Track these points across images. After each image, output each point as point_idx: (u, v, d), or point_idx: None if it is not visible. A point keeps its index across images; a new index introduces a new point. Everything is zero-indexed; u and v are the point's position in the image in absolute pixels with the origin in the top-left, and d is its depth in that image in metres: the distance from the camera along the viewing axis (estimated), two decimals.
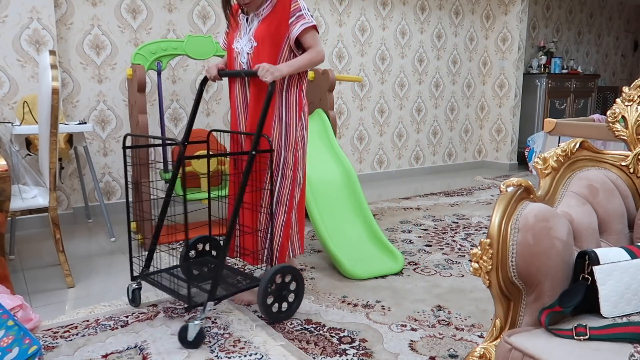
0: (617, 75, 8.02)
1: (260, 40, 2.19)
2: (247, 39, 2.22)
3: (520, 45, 5.81)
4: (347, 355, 1.90)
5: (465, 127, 6.08)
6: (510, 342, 1.17)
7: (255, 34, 2.20)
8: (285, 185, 2.30)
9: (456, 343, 1.99)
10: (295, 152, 2.30)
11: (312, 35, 2.23)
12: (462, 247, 3.21)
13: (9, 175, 2.18)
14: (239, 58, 2.26)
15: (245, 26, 2.25)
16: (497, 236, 1.25)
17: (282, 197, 2.31)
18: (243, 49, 2.24)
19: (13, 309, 1.95)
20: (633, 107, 1.55)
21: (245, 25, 2.25)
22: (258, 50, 2.19)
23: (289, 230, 2.36)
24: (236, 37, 2.27)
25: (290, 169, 2.30)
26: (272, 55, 2.19)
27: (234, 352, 1.91)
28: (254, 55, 2.20)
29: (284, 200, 2.32)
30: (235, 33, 2.29)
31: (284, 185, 2.30)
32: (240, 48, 2.25)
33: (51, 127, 2.34)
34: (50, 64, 2.32)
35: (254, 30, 2.21)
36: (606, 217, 1.45)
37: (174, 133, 4.06)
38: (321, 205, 2.89)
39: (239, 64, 2.26)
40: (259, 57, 2.19)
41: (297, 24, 2.18)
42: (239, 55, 2.26)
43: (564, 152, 1.51)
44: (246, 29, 2.25)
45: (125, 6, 3.74)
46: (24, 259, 2.94)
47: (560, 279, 1.26)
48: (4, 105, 3.32)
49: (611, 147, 2.57)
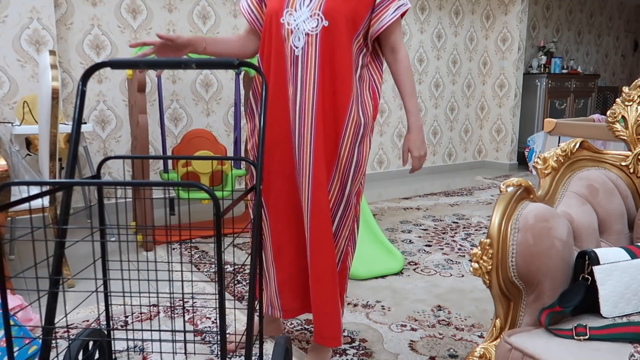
0: (617, 75, 8.02)
1: (332, 18, 1.49)
2: (307, 11, 1.51)
3: (520, 45, 5.81)
4: (347, 355, 1.90)
5: (465, 127, 6.08)
6: (510, 342, 1.17)
7: (325, 6, 1.49)
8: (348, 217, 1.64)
9: (456, 343, 1.99)
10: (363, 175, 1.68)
11: (400, 28, 1.61)
12: (462, 247, 3.21)
13: (9, 175, 2.18)
14: (291, 39, 1.53)
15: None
16: (497, 236, 1.25)
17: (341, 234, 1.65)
18: (300, 27, 1.52)
19: (13, 309, 1.95)
20: (633, 107, 1.55)
21: None
22: (328, 32, 1.50)
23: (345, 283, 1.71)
24: (287, 5, 1.53)
25: (355, 195, 1.66)
26: (346, 44, 1.51)
27: (234, 352, 1.91)
28: (322, 40, 1.50)
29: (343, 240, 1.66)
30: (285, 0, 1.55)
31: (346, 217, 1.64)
32: (295, 25, 1.52)
33: (51, 127, 2.34)
34: (50, 64, 2.32)
35: (323, 1, 1.51)
36: (606, 217, 1.45)
37: (174, 133, 4.06)
38: None
39: (290, 49, 1.54)
40: (328, 43, 1.51)
41: (389, 6, 1.54)
42: (292, 35, 1.53)
43: (564, 152, 1.51)
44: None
45: (125, 6, 3.74)
46: (24, 259, 2.94)
47: (560, 279, 1.26)
48: (4, 105, 3.32)
49: (611, 147, 2.57)
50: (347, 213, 1.63)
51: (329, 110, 1.55)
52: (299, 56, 1.53)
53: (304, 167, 1.59)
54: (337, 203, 1.61)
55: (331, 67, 1.53)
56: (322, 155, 1.56)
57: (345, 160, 1.59)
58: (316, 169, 1.57)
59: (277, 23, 1.55)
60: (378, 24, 1.55)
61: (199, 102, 4.16)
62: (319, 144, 1.55)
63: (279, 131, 1.61)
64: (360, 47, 1.58)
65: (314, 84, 1.54)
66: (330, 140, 1.57)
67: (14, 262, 2.88)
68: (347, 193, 1.61)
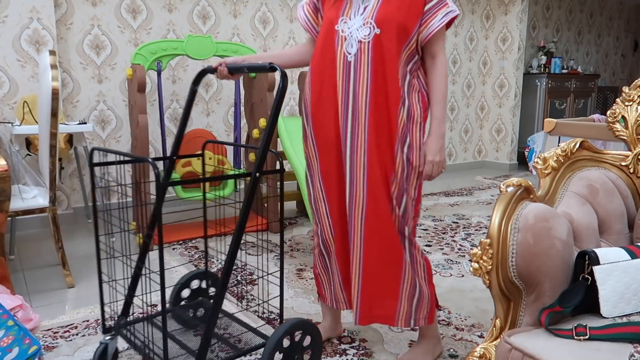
0: (617, 75, 8.02)
1: (384, 27, 1.56)
2: (360, 20, 1.59)
3: (520, 45, 5.81)
4: (347, 355, 1.90)
5: (465, 127, 6.07)
6: (510, 342, 1.17)
7: (377, 15, 1.56)
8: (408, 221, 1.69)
9: (456, 343, 1.99)
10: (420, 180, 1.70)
11: (444, 36, 1.63)
12: (462, 247, 3.21)
13: (9, 175, 2.18)
14: (344, 46, 1.61)
15: (357, 1, 1.62)
16: (497, 236, 1.25)
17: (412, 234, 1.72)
18: (353, 35, 1.59)
19: (13, 309, 1.95)
20: (633, 107, 1.55)
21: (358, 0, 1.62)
22: (380, 40, 1.56)
23: (431, 273, 1.78)
24: (342, 14, 1.62)
25: (413, 201, 1.69)
26: (396, 51, 1.57)
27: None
28: (374, 47, 1.57)
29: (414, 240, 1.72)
30: (340, 7, 1.64)
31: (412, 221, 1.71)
32: (348, 32, 1.60)
33: (51, 127, 2.34)
34: (50, 64, 2.32)
35: (376, 9, 1.57)
36: (606, 217, 1.45)
37: (174, 133, 4.06)
38: None
39: (343, 55, 1.61)
40: (379, 50, 1.57)
41: (437, 13, 1.57)
42: (345, 42, 1.60)
43: (564, 152, 1.51)
44: (358, 4, 1.61)
45: (125, 6, 3.74)
46: (24, 259, 2.94)
47: (560, 279, 1.26)
48: (4, 105, 3.32)
49: (611, 147, 2.57)
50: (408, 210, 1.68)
51: (382, 115, 1.61)
52: (351, 62, 1.60)
53: (357, 170, 1.66)
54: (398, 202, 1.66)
55: (382, 73, 1.58)
56: (376, 158, 1.62)
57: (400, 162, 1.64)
58: (370, 171, 1.63)
59: (332, 30, 1.63)
60: (426, 31, 1.59)
61: (199, 102, 4.16)
62: (373, 147, 1.62)
63: (329, 134, 1.69)
64: (412, 53, 1.62)
65: (366, 90, 1.60)
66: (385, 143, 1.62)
67: (14, 262, 2.88)
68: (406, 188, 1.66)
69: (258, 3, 4.32)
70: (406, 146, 1.63)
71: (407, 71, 1.62)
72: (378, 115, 1.61)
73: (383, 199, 1.65)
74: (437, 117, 1.64)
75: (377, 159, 1.62)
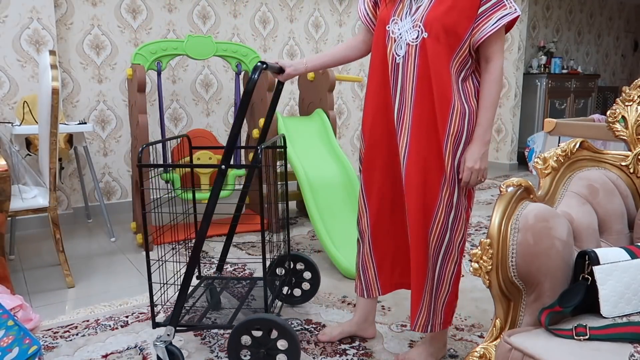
0: (617, 75, 8.02)
1: (432, 30, 1.52)
2: (410, 22, 1.56)
3: (520, 45, 5.81)
4: (347, 355, 1.90)
5: None
6: (510, 342, 1.17)
7: (426, 19, 1.53)
8: (458, 228, 1.66)
9: (456, 343, 1.99)
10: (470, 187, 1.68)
11: (502, 39, 1.55)
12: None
13: (9, 175, 2.18)
14: (394, 48, 1.60)
15: (410, 1, 1.59)
16: (497, 236, 1.25)
17: (454, 243, 1.67)
18: (403, 36, 1.57)
19: (13, 309, 1.95)
20: (633, 107, 1.55)
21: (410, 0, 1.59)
22: (427, 44, 1.53)
23: (458, 284, 1.75)
24: (394, 15, 1.60)
25: (464, 208, 1.66)
26: (445, 55, 1.53)
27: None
28: (421, 51, 1.54)
29: (456, 246, 1.68)
30: (393, 6, 1.62)
31: (457, 229, 1.65)
32: (399, 34, 1.58)
33: (51, 127, 2.34)
34: (50, 64, 2.32)
35: (426, 12, 1.54)
36: (606, 217, 1.45)
37: (174, 133, 4.06)
38: (321, 205, 2.89)
39: (392, 56, 1.60)
40: (427, 55, 1.54)
41: (492, 16, 1.50)
42: (395, 43, 1.60)
43: (564, 152, 1.51)
44: (409, 6, 1.58)
45: (125, 6, 3.74)
46: (24, 259, 2.94)
47: (560, 279, 1.26)
48: (4, 105, 3.32)
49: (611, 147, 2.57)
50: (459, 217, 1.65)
51: (427, 121, 1.59)
52: (399, 64, 1.60)
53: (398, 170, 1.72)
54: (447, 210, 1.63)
55: (429, 78, 1.55)
56: (414, 160, 1.62)
57: (450, 167, 1.60)
58: (408, 174, 1.64)
59: (384, 30, 1.63)
60: (478, 34, 1.53)
61: (199, 102, 4.16)
62: (412, 151, 1.62)
63: (381, 132, 1.71)
64: (465, 58, 1.57)
65: (412, 93, 1.59)
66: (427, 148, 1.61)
67: (14, 262, 2.88)
68: (455, 199, 1.62)
69: (258, 3, 4.32)
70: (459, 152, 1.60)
71: (460, 76, 1.58)
72: (422, 120, 1.59)
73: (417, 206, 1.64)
74: (482, 124, 1.58)
75: (415, 162, 1.62)
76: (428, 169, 1.61)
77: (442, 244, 1.66)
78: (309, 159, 3.05)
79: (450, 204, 1.62)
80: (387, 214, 1.80)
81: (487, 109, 1.58)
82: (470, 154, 1.59)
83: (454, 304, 1.76)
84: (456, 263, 1.69)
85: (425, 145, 1.60)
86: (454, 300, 1.75)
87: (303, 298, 2.31)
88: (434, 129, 1.59)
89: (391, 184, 1.76)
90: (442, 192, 1.62)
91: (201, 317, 1.90)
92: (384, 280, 1.87)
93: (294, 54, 4.60)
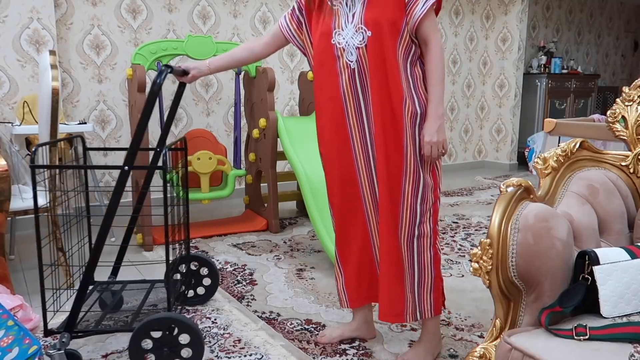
0: (617, 75, 8.02)
1: (374, 27, 1.63)
2: (352, 28, 1.66)
3: (520, 45, 5.81)
4: (347, 355, 1.90)
5: (465, 127, 6.07)
6: (510, 342, 1.17)
7: (365, 19, 1.64)
8: (427, 208, 1.73)
9: (456, 343, 1.99)
10: (433, 165, 1.75)
11: (433, 20, 1.67)
12: (462, 247, 3.21)
13: (9, 175, 2.18)
14: (344, 56, 1.69)
15: (344, 11, 1.68)
16: (497, 236, 1.25)
17: (425, 224, 1.73)
18: (350, 43, 1.67)
19: (13, 309, 1.95)
20: (633, 107, 1.55)
21: (345, 9, 1.68)
22: (374, 41, 1.64)
23: (439, 266, 1.79)
24: (334, 29, 1.69)
25: (431, 190, 1.74)
26: (391, 47, 1.64)
27: (234, 352, 1.91)
28: (370, 49, 1.65)
29: (428, 228, 1.74)
30: (330, 23, 1.71)
31: (426, 209, 1.73)
32: (345, 43, 1.68)
33: (51, 127, 2.34)
34: (50, 64, 2.32)
35: (362, 14, 1.65)
36: (606, 217, 1.45)
37: (174, 133, 4.06)
38: (321, 205, 2.89)
39: (346, 64, 1.70)
40: (376, 50, 1.65)
41: (418, 2, 1.62)
42: (344, 52, 1.69)
43: (564, 152, 1.51)
44: (346, 15, 1.68)
45: (125, 6, 3.74)
46: (24, 259, 2.94)
47: (560, 279, 1.26)
48: (4, 105, 3.32)
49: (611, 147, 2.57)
50: (426, 198, 1.73)
51: (388, 113, 1.68)
52: (355, 69, 1.69)
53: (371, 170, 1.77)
54: (414, 193, 1.72)
55: (384, 71, 1.66)
56: (383, 154, 1.70)
57: (411, 148, 1.69)
58: (379, 168, 1.73)
59: (329, 45, 1.71)
60: (412, 20, 1.64)
61: (199, 102, 4.16)
62: (380, 144, 1.70)
63: (339, 142, 1.78)
64: (408, 46, 1.67)
65: (370, 94, 1.70)
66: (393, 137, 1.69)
67: (14, 262, 2.87)
68: (422, 178, 1.72)
69: (258, 3, 4.32)
70: (416, 135, 1.69)
71: (408, 63, 1.68)
72: (384, 112, 1.68)
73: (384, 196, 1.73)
74: (433, 99, 1.67)
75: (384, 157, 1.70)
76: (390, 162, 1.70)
77: (414, 229, 1.73)
78: (309, 158, 3.05)
79: (415, 186, 1.71)
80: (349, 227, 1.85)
81: (435, 86, 1.67)
82: (427, 129, 1.67)
83: (441, 286, 1.81)
84: (431, 245, 1.76)
85: (388, 140, 1.70)
86: (440, 283, 1.80)
87: (206, 296, 2.34)
88: (393, 121, 1.68)
89: (349, 194, 1.81)
90: (405, 176, 1.70)
91: (98, 322, 1.87)
92: (351, 292, 1.90)
93: (294, 54, 4.60)
